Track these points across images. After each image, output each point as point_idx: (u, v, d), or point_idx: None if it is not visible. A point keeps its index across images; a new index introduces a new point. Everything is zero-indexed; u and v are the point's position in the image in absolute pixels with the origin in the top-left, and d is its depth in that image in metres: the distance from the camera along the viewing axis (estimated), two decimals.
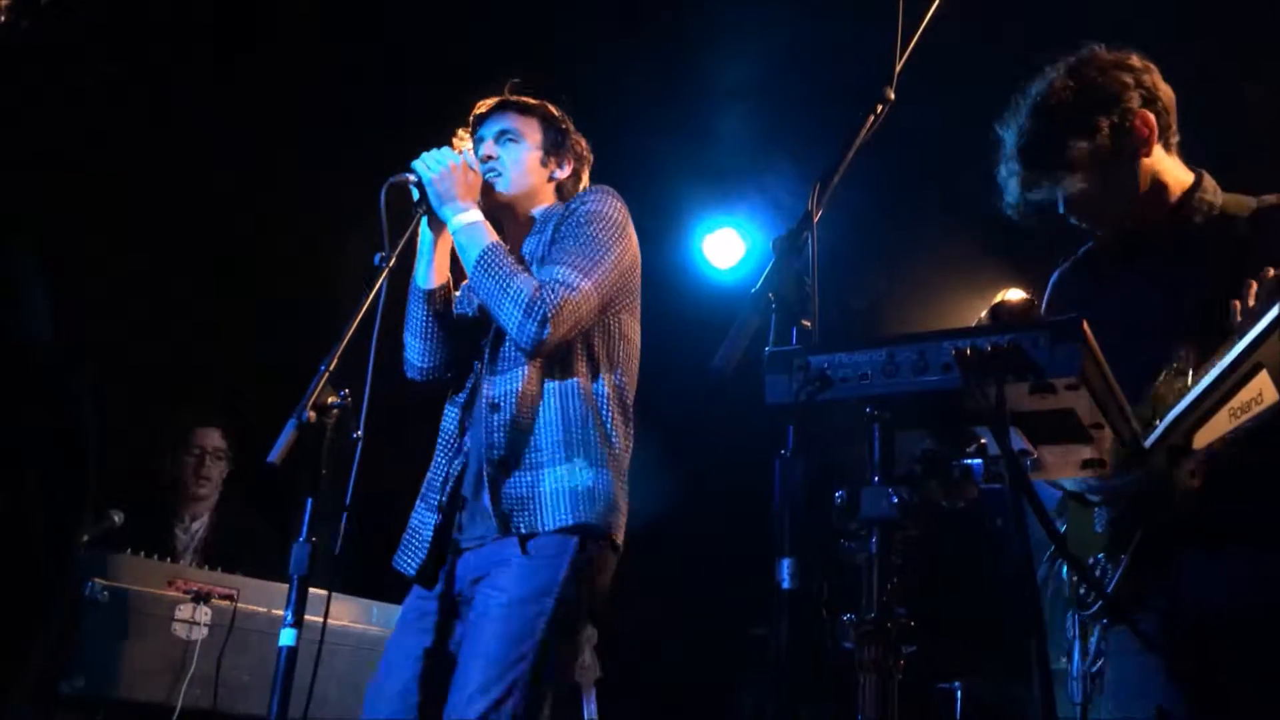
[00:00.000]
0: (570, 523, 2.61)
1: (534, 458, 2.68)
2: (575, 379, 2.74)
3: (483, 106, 2.98)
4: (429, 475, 2.87)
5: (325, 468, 2.30)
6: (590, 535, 2.63)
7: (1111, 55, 2.35)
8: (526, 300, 2.62)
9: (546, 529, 2.61)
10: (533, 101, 2.99)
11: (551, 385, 2.73)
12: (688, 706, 6.09)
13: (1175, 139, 2.37)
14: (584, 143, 3.05)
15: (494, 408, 2.72)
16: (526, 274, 2.71)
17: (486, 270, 2.70)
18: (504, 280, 2.67)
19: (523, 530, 2.62)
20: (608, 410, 2.76)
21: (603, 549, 2.67)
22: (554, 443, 2.68)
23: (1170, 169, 2.35)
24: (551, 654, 2.55)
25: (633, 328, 2.89)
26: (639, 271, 2.90)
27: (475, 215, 2.77)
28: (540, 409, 2.71)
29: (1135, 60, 2.34)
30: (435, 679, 2.64)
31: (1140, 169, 2.32)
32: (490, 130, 2.95)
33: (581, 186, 3.02)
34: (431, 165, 2.78)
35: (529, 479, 2.66)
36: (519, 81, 3.02)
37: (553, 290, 2.64)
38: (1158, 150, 2.33)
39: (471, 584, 2.71)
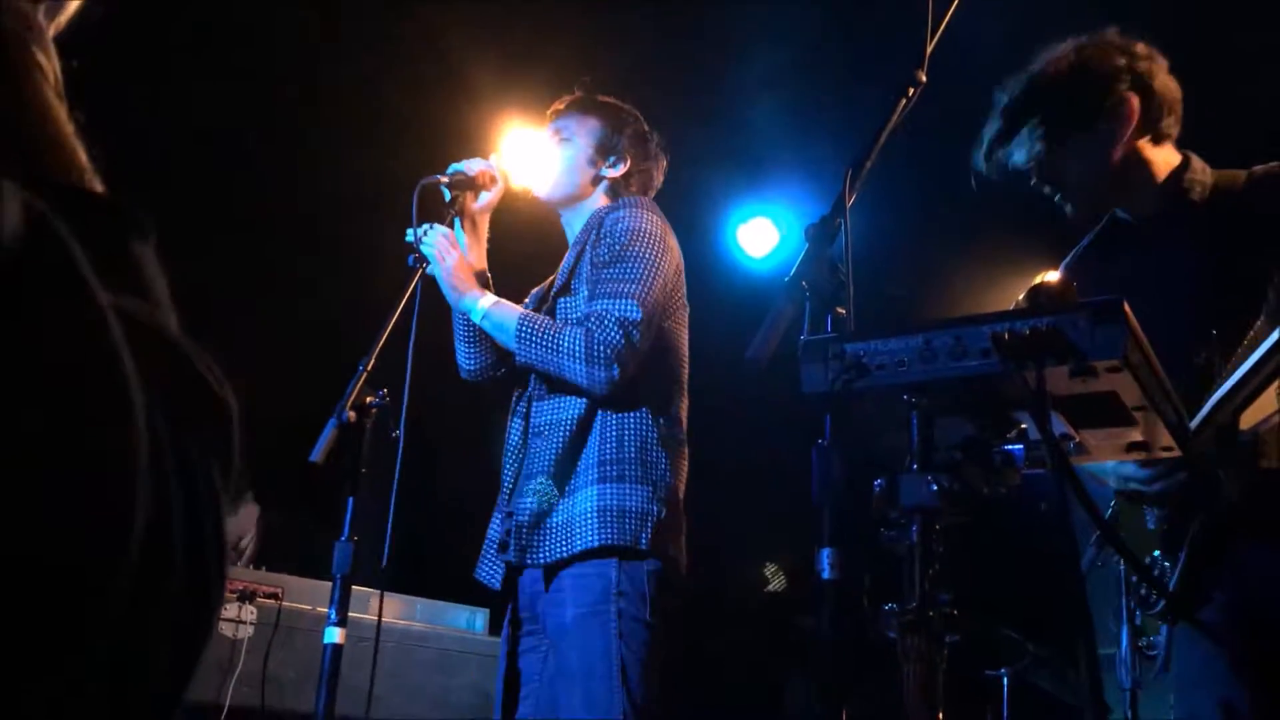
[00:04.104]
0: (595, 545, 2.54)
1: (570, 483, 2.64)
2: (620, 399, 2.65)
3: (558, 104, 3.01)
4: (502, 485, 2.87)
5: (366, 466, 2.33)
6: (625, 555, 2.55)
7: (1118, 40, 2.36)
8: (584, 350, 2.55)
9: (574, 552, 2.56)
10: (595, 101, 2.98)
11: (599, 412, 2.67)
12: (732, 697, 6.09)
13: (1171, 130, 2.36)
14: (652, 145, 2.98)
15: (538, 434, 2.71)
16: (567, 324, 2.65)
17: (529, 341, 2.64)
18: (552, 341, 2.60)
19: (552, 558, 2.59)
20: (651, 428, 2.67)
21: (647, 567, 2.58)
22: (589, 466, 2.62)
23: (1156, 155, 2.35)
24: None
25: (679, 335, 2.83)
26: (683, 276, 2.85)
27: (488, 299, 2.75)
28: (577, 434, 2.66)
29: (1140, 48, 2.35)
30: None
31: (1116, 150, 2.32)
32: (551, 131, 2.97)
33: (652, 188, 2.98)
34: (428, 252, 2.73)
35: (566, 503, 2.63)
36: (587, 80, 3.04)
37: (610, 329, 2.56)
38: (1141, 136, 2.33)
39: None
